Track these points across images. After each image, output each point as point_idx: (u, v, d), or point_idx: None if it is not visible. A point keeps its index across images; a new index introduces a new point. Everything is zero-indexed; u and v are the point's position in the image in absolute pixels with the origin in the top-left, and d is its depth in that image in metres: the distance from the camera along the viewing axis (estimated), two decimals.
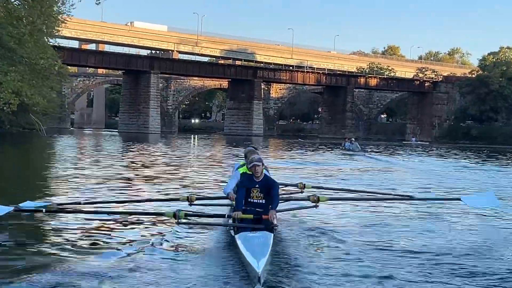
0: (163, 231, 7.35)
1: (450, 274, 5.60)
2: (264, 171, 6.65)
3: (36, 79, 36.23)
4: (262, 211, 6.34)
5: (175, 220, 6.51)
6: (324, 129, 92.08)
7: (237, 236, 5.96)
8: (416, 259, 6.23)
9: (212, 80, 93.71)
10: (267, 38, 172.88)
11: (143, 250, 6.31)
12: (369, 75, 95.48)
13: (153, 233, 7.26)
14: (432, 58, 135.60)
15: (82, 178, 14.21)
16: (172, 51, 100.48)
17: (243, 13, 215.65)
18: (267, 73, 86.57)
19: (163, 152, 29.83)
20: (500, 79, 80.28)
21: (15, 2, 36.30)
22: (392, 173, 19.58)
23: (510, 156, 39.05)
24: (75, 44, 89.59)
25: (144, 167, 19.16)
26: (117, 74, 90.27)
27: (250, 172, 6.60)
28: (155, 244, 6.61)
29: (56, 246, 6.52)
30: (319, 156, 30.06)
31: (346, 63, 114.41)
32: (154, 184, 13.52)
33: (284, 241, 6.90)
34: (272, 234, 5.95)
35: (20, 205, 7.83)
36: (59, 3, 40.39)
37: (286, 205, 7.98)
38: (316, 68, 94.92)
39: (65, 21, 43.31)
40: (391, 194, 9.69)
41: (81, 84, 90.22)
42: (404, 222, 8.97)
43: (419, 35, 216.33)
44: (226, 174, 15.36)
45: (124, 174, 16.28)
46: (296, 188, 9.14)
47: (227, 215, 6.93)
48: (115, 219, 8.12)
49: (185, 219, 6.60)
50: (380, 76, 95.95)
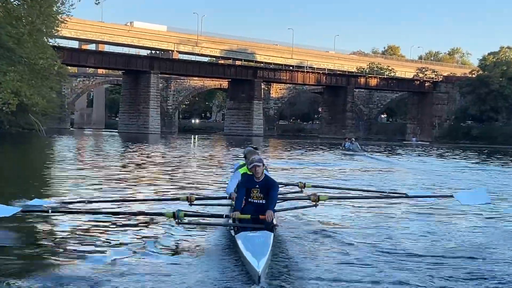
0: (163, 231, 7.32)
1: (451, 275, 5.50)
2: (264, 171, 6.63)
3: (35, 79, 36.14)
4: (262, 211, 6.31)
5: (174, 220, 6.53)
6: (324, 129, 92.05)
7: (237, 236, 5.97)
8: (417, 259, 6.16)
9: (212, 80, 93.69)
10: (267, 38, 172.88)
11: (143, 250, 6.27)
12: (369, 75, 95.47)
13: (153, 233, 7.21)
14: (432, 58, 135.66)
15: (82, 178, 14.11)
16: (172, 51, 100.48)
17: (243, 13, 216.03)
18: (267, 73, 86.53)
19: (163, 152, 29.74)
20: (501, 79, 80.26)
21: (14, 2, 36.21)
22: (393, 173, 19.50)
23: (511, 156, 38.92)
24: (75, 44, 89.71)
25: (144, 168, 19.08)
26: (117, 74, 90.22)
27: (251, 173, 6.58)
28: (155, 244, 6.58)
29: (56, 246, 6.48)
30: (319, 156, 29.98)
31: (346, 63, 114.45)
32: (154, 185, 13.45)
33: (284, 240, 6.88)
34: (272, 234, 5.95)
35: (27, 203, 8.18)
36: (58, 3, 40.28)
37: (286, 205, 8.00)
38: (316, 68, 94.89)
39: (65, 21, 43.18)
40: (386, 192, 9.81)
41: (81, 84, 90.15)
42: (404, 221, 8.95)
43: (419, 35, 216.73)
44: (226, 174, 15.30)
45: (124, 174, 16.19)
46: (296, 187, 9.17)
47: (225, 215, 6.94)
48: (114, 219, 8.10)
49: (185, 219, 6.60)
50: (380, 76, 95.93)
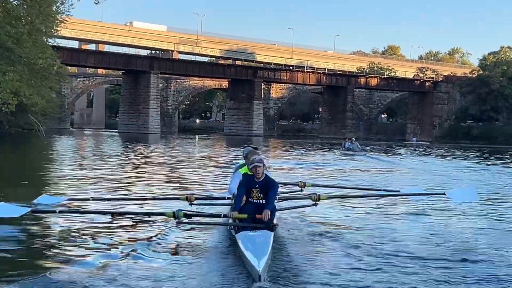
0: (162, 231, 7.29)
1: (453, 277, 5.41)
2: (265, 171, 6.62)
3: (34, 79, 36.05)
4: (261, 211, 6.30)
5: (174, 220, 6.57)
6: (324, 129, 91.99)
7: (237, 236, 5.98)
8: (416, 259, 6.08)
9: (212, 80, 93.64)
10: (267, 38, 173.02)
11: (143, 250, 6.23)
12: (370, 75, 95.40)
13: (153, 233, 7.18)
14: (432, 58, 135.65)
15: (81, 178, 14.06)
16: (172, 51, 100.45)
17: (243, 13, 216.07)
18: (267, 73, 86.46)
19: (163, 152, 29.67)
20: (501, 78, 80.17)
21: (13, 2, 36.11)
22: (394, 173, 19.39)
23: None
24: (74, 44, 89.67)
25: (143, 168, 19.03)
26: (117, 74, 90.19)
27: (251, 173, 6.58)
28: (155, 244, 6.55)
29: (55, 246, 6.44)
30: (320, 156, 29.89)
31: (346, 63, 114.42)
32: (154, 184, 13.41)
33: (284, 239, 6.87)
34: (272, 233, 5.96)
35: (34, 201, 8.24)
36: (58, 3, 40.18)
37: (286, 204, 8.01)
38: (316, 68, 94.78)
39: (64, 21, 43.08)
40: (380, 190, 10.02)
41: (81, 84, 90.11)
42: (404, 220, 8.93)
43: (419, 35, 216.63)
44: (225, 174, 15.21)
45: (123, 174, 16.13)
46: (297, 186, 9.24)
47: (222, 214, 6.93)
48: (114, 219, 8.06)
49: (184, 219, 6.62)
50: (380, 76, 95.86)
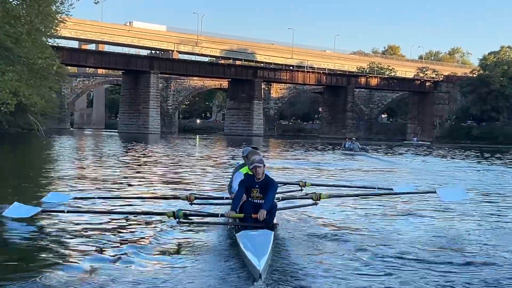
0: (163, 230, 7.27)
1: (456, 280, 5.29)
2: (265, 172, 6.64)
3: (34, 79, 35.94)
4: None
5: (175, 220, 6.66)
6: (324, 129, 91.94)
7: (237, 235, 6.01)
8: (418, 259, 5.99)
9: (212, 80, 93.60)
10: (267, 38, 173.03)
11: (143, 249, 6.20)
12: (370, 75, 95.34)
13: (153, 233, 7.14)
14: (432, 58, 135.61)
15: (80, 178, 14.00)
16: (172, 51, 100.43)
17: (243, 13, 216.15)
18: (267, 73, 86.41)
19: (163, 152, 29.57)
20: (501, 78, 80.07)
21: (13, 2, 35.99)
22: (395, 173, 19.26)
23: None
24: (74, 44, 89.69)
25: (143, 167, 18.96)
26: (117, 74, 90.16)
27: (252, 173, 6.60)
28: (155, 243, 6.52)
29: (55, 246, 6.40)
30: (320, 156, 29.78)
31: (346, 63, 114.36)
32: (153, 184, 13.35)
33: (284, 239, 6.86)
34: (273, 232, 6.01)
35: (44, 199, 8.65)
36: (57, 3, 40.04)
37: (286, 203, 8.02)
38: (317, 68, 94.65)
39: (64, 21, 42.96)
40: (374, 188, 10.38)
41: (81, 84, 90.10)
42: (404, 220, 8.88)
43: (419, 35, 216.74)
44: (225, 174, 15.12)
45: (123, 174, 16.04)
46: (297, 186, 9.31)
47: (220, 214, 6.91)
48: (114, 218, 8.04)
49: (184, 219, 6.68)
50: (380, 76, 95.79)
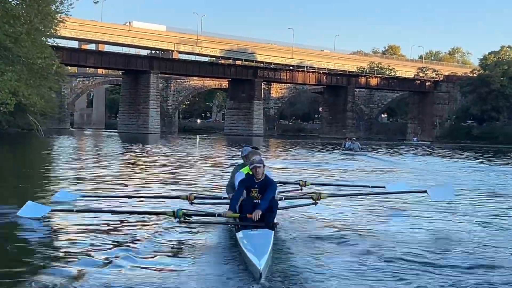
0: (163, 230, 7.23)
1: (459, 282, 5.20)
2: (266, 172, 6.67)
3: (33, 79, 35.82)
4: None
5: (175, 219, 6.73)
6: (324, 129, 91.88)
7: (238, 234, 6.05)
8: (419, 260, 5.92)
9: (212, 80, 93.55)
10: (267, 38, 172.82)
11: (143, 249, 6.17)
12: (370, 75, 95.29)
13: (154, 232, 7.10)
14: (432, 58, 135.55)
15: (80, 178, 13.95)
16: (172, 51, 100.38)
17: (243, 13, 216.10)
18: (267, 73, 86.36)
19: (163, 152, 29.53)
20: (502, 78, 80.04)
21: (12, 1, 35.90)
22: (395, 173, 19.17)
23: None
24: (74, 44, 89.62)
25: (143, 167, 18.91)
26: (117, 74, 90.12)
27: (252, 173, 6.63)
28: (155, 243, 6.50)
29: (55, 246, 6.37)
30: (320, 156, 29.71)
31: (346, 63, 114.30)
32: (153, 184, 13.31)
33: (284, 238, 6.86)
34: (273, 232, 6.06)
35: (54, 197, 8.79)
36: (57, 2, 39.92)
37: (287, 203, 8.03)
38: (317, 68, 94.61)
39: (64, 21, 42.86)
40: (369, 186, 10.68)
41: (81, 84, 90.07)
42: (405, 219, 8.83)
43: (419, 35, 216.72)
44: (225, 174, 15.03)
45: (123, 174, 16.01)
46: (297, 185, 9.35)
47: (217, 214, 6.93)
48: (114, 218, 8.01)
49: (185, 218, 6.72)
50: (380, 76, 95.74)
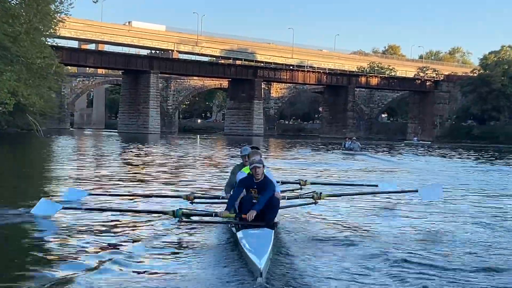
0: (163, 229, 7.21)
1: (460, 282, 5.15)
2: (266, 172, 6.67)
3: (33, 78, 35.79)
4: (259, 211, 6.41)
5: (175, 219, 6.80)
6: (325, 128, 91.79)
7: (238, 233, 6.07)
8: (418, 259, 5.87)
9: (212, 80, 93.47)
10: (267, 38, 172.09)
11: (143, 248, 6.14)
12: (370, 75, 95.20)
13: (154, 232, 7.09)
14: (433, 58, 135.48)
15: (79, 178, 13.89)
16: (172, 51, 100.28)
17: (243, 13, 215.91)
18: (267, 73, 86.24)
19: (163, 152, 29.47)
20: (502, 78, 79.89)
21: (12, 1, 35.82)
22: (395, 173, 19.07)
23: None
24: (74, 44, 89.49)
25: (142, 167, 18.84)
26: (117, 74, 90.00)
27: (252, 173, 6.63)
28: (155, 242, 6.49)
29: (55, 245, 6.35)
30: (320, 156, 29.62)
31: (346, 62, 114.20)
32: (153, 184, 13.27)
33: (284, 237, 6.86)
34: (273, 231, 6.10)
35: (63, 196, 8.85)
36: (56, 2, 39.85)
37: (287, 202, 8.05)
38: (317, 67, 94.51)
39: (63, 21, 42.78)
40: (361, 185, 10.95)
41: (81, 84, 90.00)
42: (405, 219, 8.78)
43: (419, 35, 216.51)
44: (225, 174, 14.95)
45: (123, 174, 15.95)
46: (297, 185, 9.43)
47: (214, 213, 6.92)
48: (114, 217, 7.99)
49: (185, 218, 6.76)
50: (381, 76, 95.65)
